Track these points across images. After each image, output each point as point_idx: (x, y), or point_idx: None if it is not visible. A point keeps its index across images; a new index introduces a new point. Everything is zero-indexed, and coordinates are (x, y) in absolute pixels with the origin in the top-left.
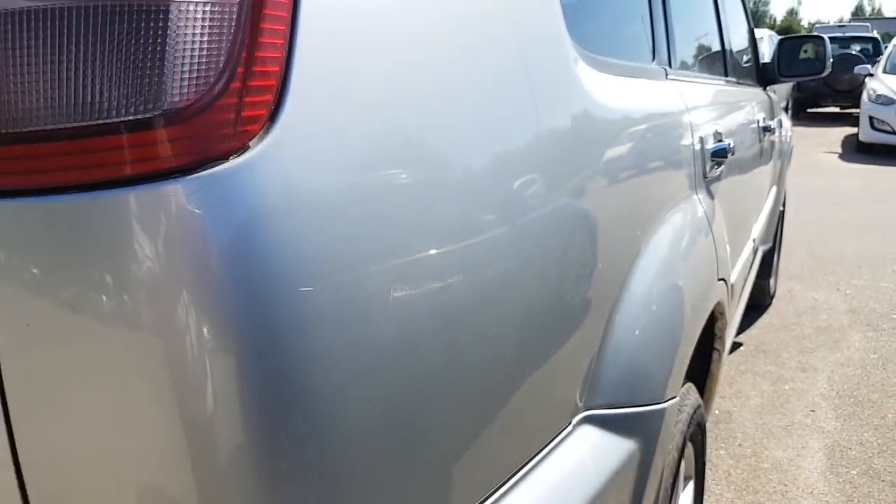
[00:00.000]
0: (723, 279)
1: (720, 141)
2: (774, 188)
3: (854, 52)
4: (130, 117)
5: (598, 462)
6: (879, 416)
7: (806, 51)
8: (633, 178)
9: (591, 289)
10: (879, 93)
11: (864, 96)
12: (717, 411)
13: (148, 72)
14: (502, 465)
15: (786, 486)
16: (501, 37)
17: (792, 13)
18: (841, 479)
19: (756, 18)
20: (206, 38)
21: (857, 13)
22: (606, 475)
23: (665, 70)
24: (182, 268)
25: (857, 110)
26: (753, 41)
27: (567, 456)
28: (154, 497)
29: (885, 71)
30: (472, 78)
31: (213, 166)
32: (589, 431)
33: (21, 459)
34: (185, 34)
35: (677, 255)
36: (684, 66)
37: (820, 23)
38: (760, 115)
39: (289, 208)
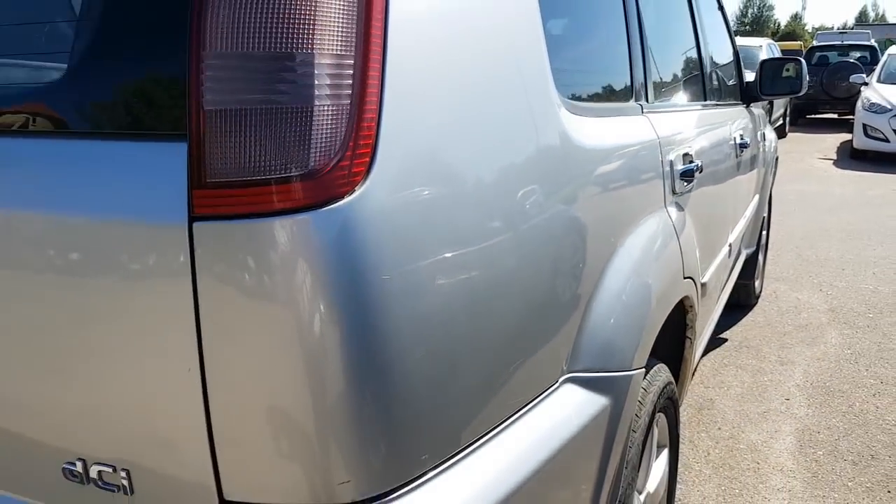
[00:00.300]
0: (690, 277)
1: (690, 162)
2: (757, 196)
3: (852, 61)
4: (294, 174)
5: (578, 412)
6: (847, 404)
7: (787, 70)
8: (607, 196)
9: (574, 280)
10: (873, 101)
11: (859, 104)
12: (700, 399)
13: (300, 149)
14: (511, 404)
15: (758, 464)
16: (511, 92)
17: (796, 18)
18: (808, 459)
19: (759, 24)
20: (331, 129)
21: (861, 19)
22: (584, 420)
23: (641, 106)
24: (315, 258)
25: (854, 117)
26: (738, 63)
27: (554, 405)
28: (303, 414)
29: (879, 80)
30: (492, 123)
31: (335, 203)
32: (571, 388)
33: (210, 396)
34: (322, 127)
35: (647, 257)
36: (661, 98)
37: (823, 27)
38: (737, 133)
39: (376, 225)
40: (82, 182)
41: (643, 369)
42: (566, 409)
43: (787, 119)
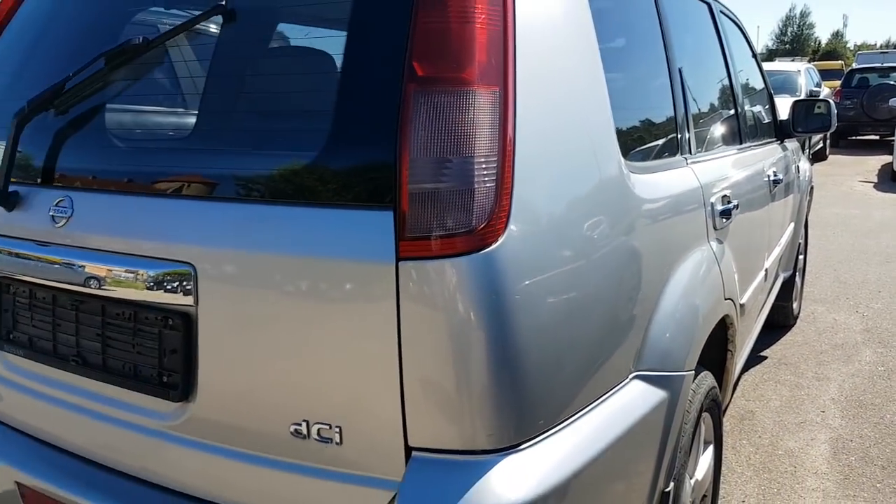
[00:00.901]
0: (730, 299)
1: (727, 203)
2: (792, 224)
3: (892, 83)
4: (461, 231)
5: (643, 401)
6: (879, 416)
7: (819, 108)
8: (661, 236)
9: (640, 300)
10: None
11: None
12: (742, 411)
13: (466, 216)
14: (596, 391)
15: (795, 468)
16: (590, 164)
17: (837, 36)
18: (841, 464)
19: (800, 42)
20: (483, 203)
21: None
22: (647, 408)
23: (686, 158)
24: (473, 284)
25: (894, 139)
26: (772, 102)
27: (625, 395)
28: (454, 383)
29: None
30: (577, 188)
31: (485, 249)
32: (638, 383)
33: (404, 375)
34: (479, 202)
35: (694, 282)
36: (702, 148)
37: (865, 45)
38: (771, 170)
39: (509, 263)
40: (328, 236)
41: (692, 372)
42: (634, 398)
43: (828, 142)
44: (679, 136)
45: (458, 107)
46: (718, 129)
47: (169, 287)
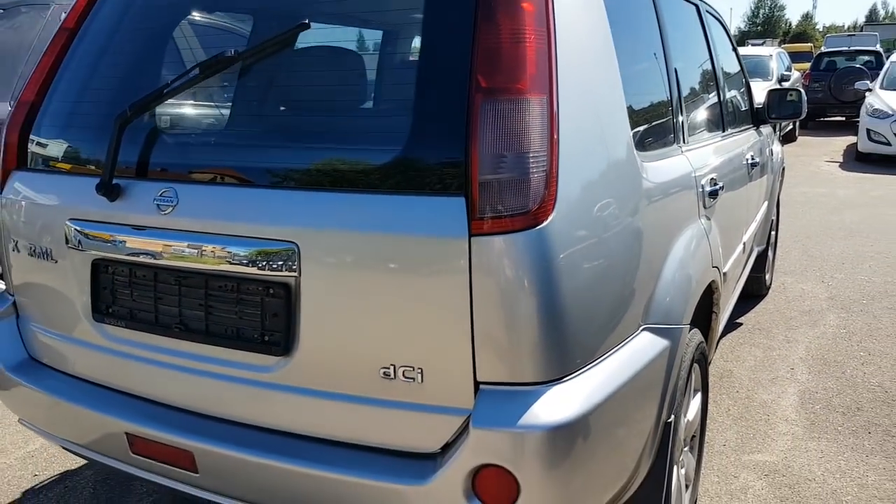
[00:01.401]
0: (716, 267)
1: (714, 185)
2: (766, 202)
3: (858, 66)
4: (519, 212)
5: (651, 347)
6: (840, 371)
7: (791, 96)
8: (664, 214)
9: (647, 268)
10: (876, 107)
11: (863, 110)
12: (721, 370)
13: (523, 199)
14: (616, 340)
15: (768, 416)
16: (612, 154)
17: (807, 17)
18: (807, 412)
19: (771, 24)
20: (536, 190)
21: (871, 17)
22: (654, 353)
23: (680, 147)
24: (528, 254)
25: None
26: (749, 92)
27: (637, 343)
28: (506, 337)
29: (882, 87)
30: (603, 175)
31: (538, 226)
32: (646, 334)
33: (475, 325)
34: (533, 189)
35: (687, 254)
36: (693, 137)
37: (834, 26)
38: (749, 154)
39: (556, 237)
40: (414, 217)
41: (689, 326)
42: (644, 346)
43: (797, 124)
44: (675, 126)
45: (515, 112)
46: (706, 119)
47: (274, 262)
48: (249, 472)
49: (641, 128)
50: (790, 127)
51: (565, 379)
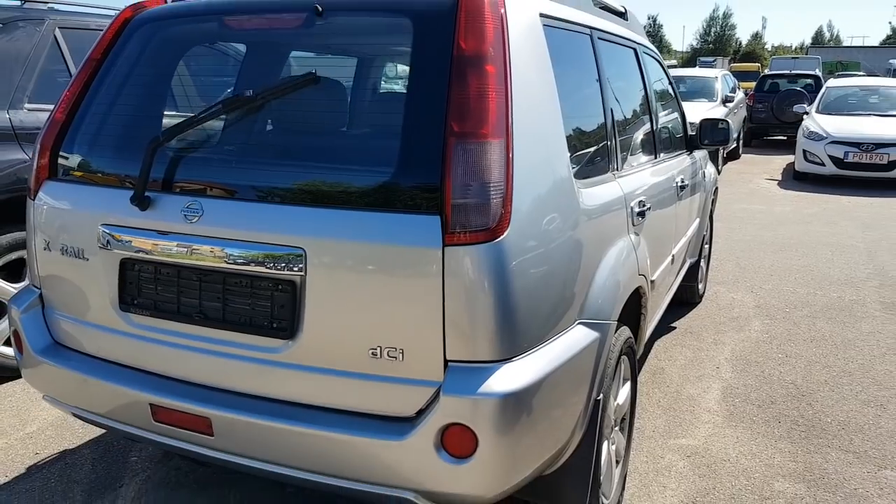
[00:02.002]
0: (643, 275)
1: (643, 206)
2: (698, 219)
3: (798, 88)
4: (482, 229)
5: (584, 338)
6: (760, 370)
7: (721, 125)
8: (597, 230)
9: (584, 273)
10: (812, 130)
11: (800, 132)
12: (655, 368)
13: (485, 219)
14: (556, 331)
15: (693, 408)
16: (553, 181)
17: (756, 37)
18: (728, 404)
19: (722, 42)
20: (495, 211)
21: (817, 39)
22: (587, 343)
23: (614, 174)
24: (487, 260)
25: None
26: (684, 123)
27: (573, 334)
28: (466, 320)
29: (818, 111)
30: (545, 199)
31: (495, 239)
32: (580, 327)
33: (446, 314)
34: (493, 211)
35: (617, 263)
36: (626, 164)
37: (782, 47)
38: (679, 177)
39: (510, 247)
40: (401, 230)
41: (616, 322)
42: (578, 336)
43: (741, 142)
44: (609, 157)
45: (480, 151)
46: (639, 148)
47: (284, 263)
48: (258, 434)
49: (579, 160)
50: (734, 145)
51: (514, 359)
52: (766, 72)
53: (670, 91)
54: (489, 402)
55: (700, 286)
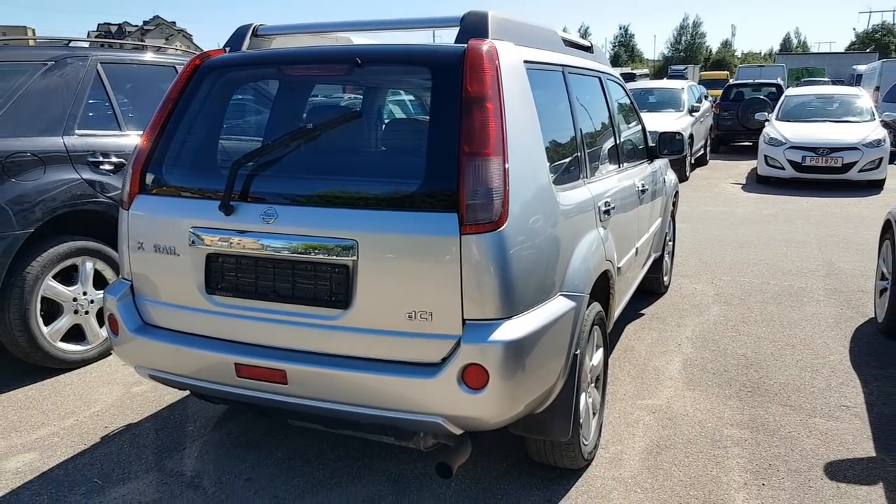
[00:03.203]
0: (609, 261)
1: (608, 206)
2: (660, 218)
3: (762, 97)
4: (487, 222)
5: (563, 307)
6: (715, 346)
7: (677, 137)
8: (572, 225)
9: (563, 258)
10: (772, 136)
11: (761, 138)
12: (626, 347)
13: (491, 214)
14: (542, 298)
15: (658, 376)
16: (536, 184)
17: (726, 45)
18: (687, 373)
19: (693, 50)
20: (498, 209)
21: (785, 46)
22: (565, 309)
23: (584, 181)
24: (492, 244)
25: None
26: (645, 135)
27: (555, 302)
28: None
29: (777, 118)
30: (532, 198)
31: (498, 229)
32: (560, 298)
33: (464, 286)
34: (496, 209)
35: (588, 251)
36: (594, 172)
37: (752, 54)
38: (640, 182)
39: (508, 235)
40: (429, 225)
41: (588, 295)
42: (559, 304)
43: (708, 149)
44: (580, 167)
45: (484, 166)
46: (604, 159)
47: (341, 252)
48: (324, 381)
49: (556, 170)
50: (701, 152)
51: (513, 317)
52: (731, 81)
53: (631, 109)
54: (496, 347)
55: (665, 278)
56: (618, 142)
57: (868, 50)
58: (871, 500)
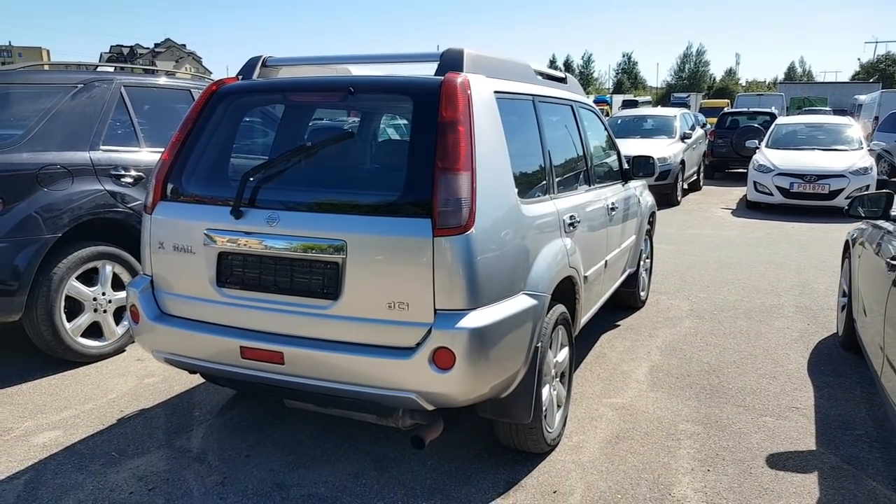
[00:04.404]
0: (574, 268)
1: (573, 219)
2: (634, 236)
3: (756, 125)
4: (456, 226)
5: (525, 303)
6: (682, 354)
7: (650, 161)
8: (537, 234)
9: (527, 261)
10: (761, 163)
11: (751, 165)
12: (598, 354)
13: (460, 219)
14: (506, 295)
15: (625, 379)
16: (502, 196)
17: (730, 73)
18: (653, 377)
19: (696, 78)
20: (466, 214)
21: (789, 75)
22: (527, 306)
23: (551, 196)
24: (461, 246)
25: None
26: (620, 159)
27: (518, 299)
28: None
29: (767, 145)
30: (498, 208)
31: (466, 232)
32: (523, 296)
33: (436, 277)
34: (465, 214)
35: (551, 257)
36: (561, 189)
37: (756, 82)
38: (611, 201)
39: (476, 238)
40: (407, 228)
41: (549, 295)
42: (522, 300)
43: (702, 175)
44: (547, 184)
45: (455, 179)
46: (572, 178)
47: (332, 251)
48: (315, 361)
49: (522, 185)
50: (695, 178)
51: (478, 308)
52: (727, 109)
53: (605, 135)
54: (463, 333)
55: (642, 294)
56: (588, 163)
57: (872, 80)
58: (805, 485)
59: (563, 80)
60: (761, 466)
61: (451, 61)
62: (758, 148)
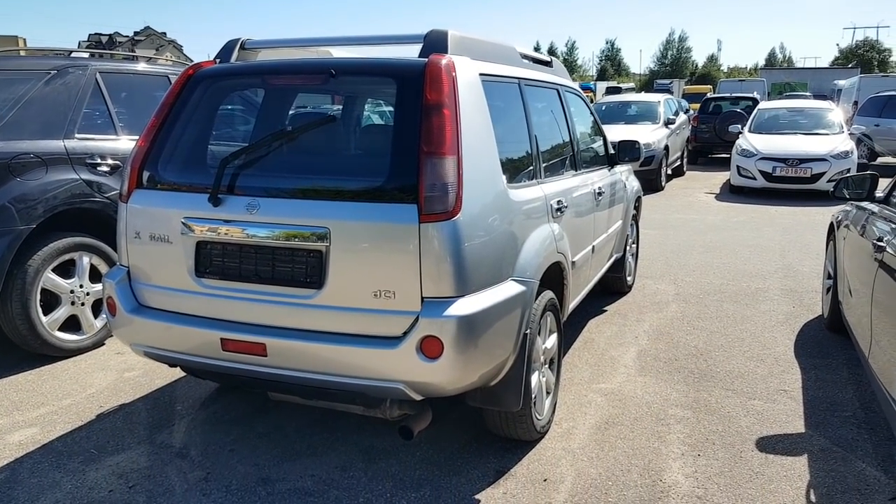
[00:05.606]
0: (562, 253)
1: (560, 204)
2: (620, 221)
3: (738, 110)
4: (443, 212)
5: (513, 290)
6: (669, 338)
7: (635, 146)
8: (525, 219)
9: (515, 246)
10: (744, 147)
11: (734, 150)
12: (587, 339)
13: (447, 205)
14: (494, 281)
15: (614, 364)
16: (489, 181)
17: (712, 59)
18: (641, 361)
19: (679, 65)
20: (453, 200)
21: (770, 61)
22: (515, 293)
23: (537, 181)
24: (448, 231)
25: None
26: (605, 143)
27: (506, 285)
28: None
29: (750, 130)
30: (485, 193)
31: (454, 217)
32: (511, 282)
33: (422, 267)
34: (452, 199)
35: (539, 242)
36: (548, 174)
37: (737, 68)
38: (597, 186)
39: (463, 223)
40: (393, 214)
41: (538, 281)
42: (510, 287)
43: (685, 160)
44: (534, 168)
45: (441, 164)
46: (559, 163)
47: (315, 238)
48: (299, 353)
49: (509, 170)
50: (678, 163)
51: (465, 296)
52: (709, 95)
53: (591, 120)
54: (450, 321)
55: (629, 278)
56: (574, 148)
57: (850, 65)
58: (795, 468)
59: (548, 64)
60: (751, 450)
61: (435, 43)
62: (741, 133)
